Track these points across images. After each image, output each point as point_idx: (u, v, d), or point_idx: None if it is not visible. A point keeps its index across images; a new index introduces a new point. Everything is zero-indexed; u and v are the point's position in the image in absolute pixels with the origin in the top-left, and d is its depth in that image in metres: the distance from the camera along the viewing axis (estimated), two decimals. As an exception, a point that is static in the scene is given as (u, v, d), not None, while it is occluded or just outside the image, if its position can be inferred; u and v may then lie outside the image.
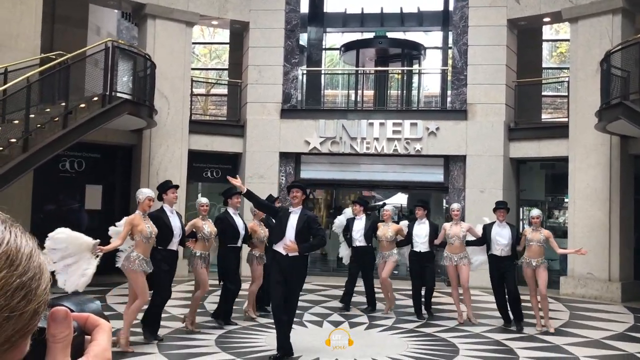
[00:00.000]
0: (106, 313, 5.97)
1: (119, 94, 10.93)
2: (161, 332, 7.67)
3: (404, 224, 9.62)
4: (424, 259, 9.14)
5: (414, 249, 9.20)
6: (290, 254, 6.49)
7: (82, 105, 10.51)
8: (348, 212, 10.13)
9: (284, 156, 13.97)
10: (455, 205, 9.24)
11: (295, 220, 6.57)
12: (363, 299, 9.90)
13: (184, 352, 6.77)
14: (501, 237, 8.57)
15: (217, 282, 8.25)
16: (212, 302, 9.60)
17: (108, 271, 12.63)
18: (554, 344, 7.72)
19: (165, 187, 7.51)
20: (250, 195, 6.78)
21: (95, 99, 10.62)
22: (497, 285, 8.65)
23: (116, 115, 10.77)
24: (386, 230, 9.47)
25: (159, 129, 12.87)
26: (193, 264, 7.85)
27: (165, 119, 13.01)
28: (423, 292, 9.36)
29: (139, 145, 13.06)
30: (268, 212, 7.32)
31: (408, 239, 9.27)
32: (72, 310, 0.77)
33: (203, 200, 8.47)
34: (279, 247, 6.55)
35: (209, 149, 13.99)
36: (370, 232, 9.58)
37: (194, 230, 7.96)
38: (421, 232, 9.12)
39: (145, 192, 7.16)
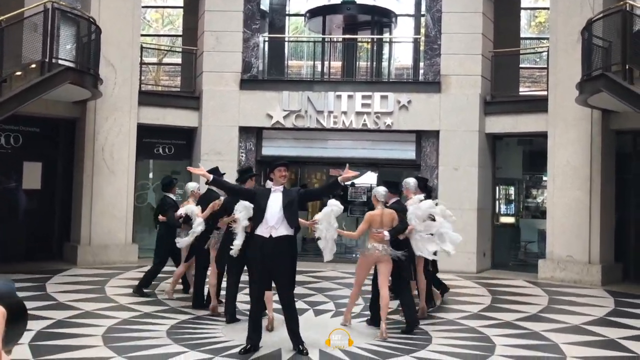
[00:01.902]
0: (45, 302, 5.78)
1: (60, 61, 10.64)
2: (106, 322, 7.50)
3: None
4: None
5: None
6: (275, 235, 6.26)
7: (19, 73, 10.20)
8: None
9: (244, 131, 13.81)
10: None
11: (279, 199, 6.37)
12: (329, 284, 9.84)
13: (130, 345, 6.59)
14: None
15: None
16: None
17: (47, 258, 12.52)
18: (532, 330, 7.77)
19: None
20: (218, 182, 6.60)
21: (34, 66, 10.32)
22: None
23: (57, 85, 10.50)
24: None
25: (105, 101, 12.60)
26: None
27: (111, 89, 12.74)
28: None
29: (83, 119, 12.76)
30: (244, 196, 7.03)
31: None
32: None
33: (193, 185, 9.48)
34: (261, 231, 6.35)
35: (160, 122, 13.77)
36: None
37: (188, 214, 8.56)
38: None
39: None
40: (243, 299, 8.18)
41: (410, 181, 8.61)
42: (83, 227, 12.48)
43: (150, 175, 15.11)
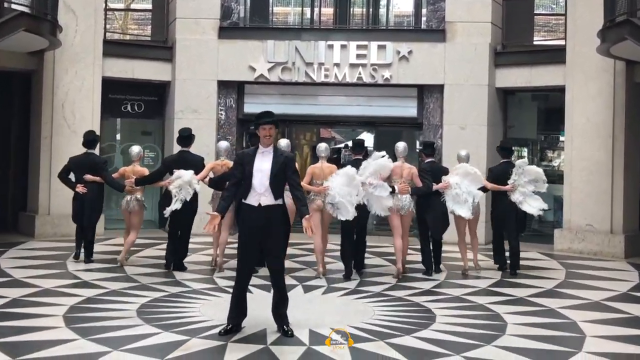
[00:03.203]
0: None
1: (13, 6, 10.56)
2: (68, 301, 7.45)
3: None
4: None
5: None
6: (264, 203, 6.15)
7: (-36, 19, 9.97)
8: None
9: (224, 86, 13.70)
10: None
11: (268, 162, 6.19)
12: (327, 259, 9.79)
13: (95, 326, 6.50)
14: None
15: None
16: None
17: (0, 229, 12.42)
18: (548, 307, 7.75)
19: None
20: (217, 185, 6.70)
21: (-19, 11, 10.10)
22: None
23: (9, 33, 10.40)
24: None
25: (64, 51, 12.45)
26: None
27: (72, 38, 12.59)
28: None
29: (40, 72, 12.62)
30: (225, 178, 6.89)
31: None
32: None
33: (137, 148, 10.17)
34: (249, 199, 6.21)
35: (128, 76, 13.64)
36: None
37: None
38: None
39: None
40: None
41: (400, 146, 9.63)
42: (41, 194, 12.38)
43: (118, 136, 14.98)
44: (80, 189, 9.85)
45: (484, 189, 9.73)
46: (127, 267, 9.57)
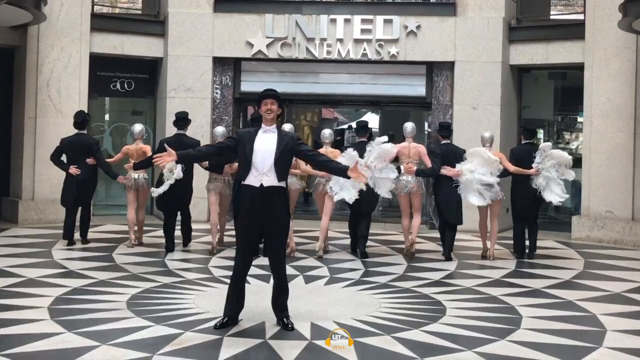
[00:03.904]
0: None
1: None
2: (53, 291, 7.41)
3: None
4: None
5: None
6: (266, 184, 6.08)
7: (-59, -10, 9.88)
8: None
9: (219, 62, 13.64)
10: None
11: (272, 142, 6.14)
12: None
13: (82, 318, 6.47)
14: None
15: None
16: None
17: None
18: (565, 299, 7.72)
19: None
20: (186, 157, 6.69)
21: (-41, -19, 10.00)
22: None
23: None
24: None
25: (49, 26, 12.41)
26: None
27: (58, 11, 12.54)
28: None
29: (23, 47, 12.59)
30: (224, 152, 6.82)
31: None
32: None
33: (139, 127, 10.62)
34: (249, 179, 6.15)
35: (118, 52, 13.60)
36: None
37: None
38: None
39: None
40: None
41: (408, 126, 10.15)
42: (25, 178, 12.36)
43: (107, 116, 14.93)
44: (73, 170, 10.09)
45: (505, 173, 9.88)
46: (116, 255, 9.58)
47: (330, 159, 6.64)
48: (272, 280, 6.46)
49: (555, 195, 9.79)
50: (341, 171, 6.42)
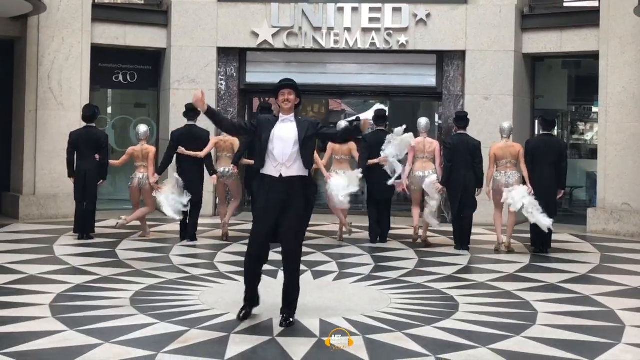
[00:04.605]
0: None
1: None
2: (55, 288, 7.38)
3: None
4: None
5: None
6: (285, 174, 6.07)
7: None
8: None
9: (224, 53, 13.65)
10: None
11: (292, 130, 6.13)
12: (331, 240, 9.79)
13: (85, 316, 6.43)
14: None
15: None
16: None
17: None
18: (582, 294, 7.67)
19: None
20: (212, 114, 6.34)
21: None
22: None
23: None
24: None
25: (50, 16, 12.41)
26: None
27: (58, 1, 12.59)
28: None
29: (24, 39, 12.59)
30: (241, 131, 6.94)
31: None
32: None
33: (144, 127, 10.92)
34: (269, 169, 6.13)
35: (120, 43, 13.61)
36: None
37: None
38: None
39: None
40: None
41: (422, 121, 10.59)
42: (26, 173, 12.35)
43: (109, 109, 14.92)
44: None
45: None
46: (119, 250, 9.59)
47: (344, 128, 6.98)
48: (280, 275, 6.41)
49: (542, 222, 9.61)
50: (354, 130, 6.82)
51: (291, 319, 6.18)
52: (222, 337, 5.80)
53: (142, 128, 10.82)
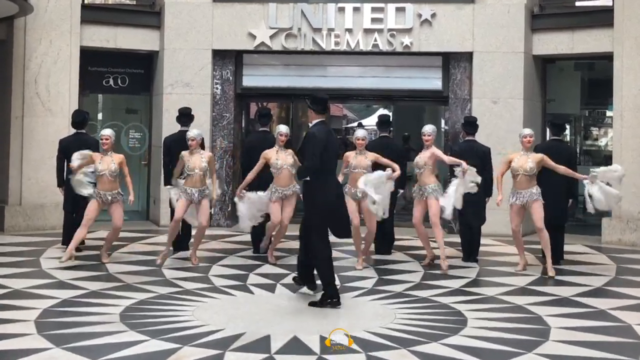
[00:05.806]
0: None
1: None
2: (42, 303, 7.37)
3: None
4: None
5: None
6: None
7: None
8: None
9: (219, 56, 13.65)
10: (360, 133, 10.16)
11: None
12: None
13: (72, 332, 6.46)
14: None
15: None
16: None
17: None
18: (597, 308, 7.68)
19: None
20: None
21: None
22: None
23: None
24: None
25: (37, 18, 12.41)
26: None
27: (46, 2, 12.58)
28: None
29: (9, 41, 12.59)
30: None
31: None
32: None
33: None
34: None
35: (111, 45, 13.58)
36: None
37: None
38: None
39: None
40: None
41: (429, 128, 9.91)
42: (12, 182, 12.35)
43: (100, 115, 14.91)
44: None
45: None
46: (108, 264, 9.55)
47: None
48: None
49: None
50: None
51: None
52: (217, 354, 5.82)
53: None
